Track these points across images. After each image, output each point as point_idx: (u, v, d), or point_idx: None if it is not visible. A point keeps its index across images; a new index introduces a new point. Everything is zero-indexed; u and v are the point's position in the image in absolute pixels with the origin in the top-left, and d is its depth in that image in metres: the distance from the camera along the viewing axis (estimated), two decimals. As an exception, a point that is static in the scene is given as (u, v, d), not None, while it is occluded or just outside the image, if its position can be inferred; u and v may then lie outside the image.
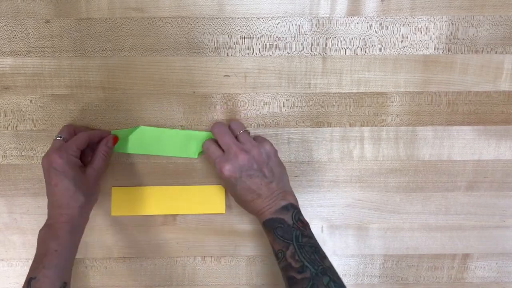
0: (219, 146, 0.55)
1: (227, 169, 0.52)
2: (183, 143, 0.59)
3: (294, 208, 0.52)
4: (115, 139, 0.57)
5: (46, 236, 0.50)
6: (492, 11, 0.56)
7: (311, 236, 0.50)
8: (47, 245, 0.49)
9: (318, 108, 0.59)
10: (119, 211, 0.60)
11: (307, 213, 0.62)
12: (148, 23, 0.55)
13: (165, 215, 0.61)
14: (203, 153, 0.59)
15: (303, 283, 0.47)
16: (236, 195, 0.54)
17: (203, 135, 0.58)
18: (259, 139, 0.55)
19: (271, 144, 0.54)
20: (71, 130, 0.55)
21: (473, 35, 0.56)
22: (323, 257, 0.49)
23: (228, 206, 0.61)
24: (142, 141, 0.58)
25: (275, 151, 0.55)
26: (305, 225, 0.51)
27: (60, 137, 0.53)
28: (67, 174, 0.50)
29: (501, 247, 0.64)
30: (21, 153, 0.59)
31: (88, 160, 0.55)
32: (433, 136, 0.60)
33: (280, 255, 0.50)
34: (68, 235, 0.50)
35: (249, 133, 0.56)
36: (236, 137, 0.54)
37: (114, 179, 0.60)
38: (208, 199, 0.60)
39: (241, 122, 0.57)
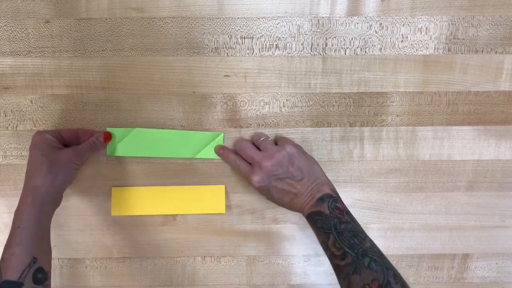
0: (246, 161, 0.57)
1: (256, 180, 0.54)
2: (180, 144, 0.59)
3: (329, 197, 0.52)
4: (107, 135, 0.57)
5: (13, 217, 0.50)
6: (492, 11, 0.56)
7: (348, 221, 0.51)
8: (12, 225, 0.49)
9: (318, 108, 0.59)
10: (119, 211, 0.60)
11: (307, 213, 0.62)
12: (148, 23, 0.55)
13: (165, 215, 0.61)
14: (200, 154, 0.59)
15: (347, 269, 0.47)
16: (275, 200, 0.55)
17: (199, 135, 0.58)
18: (280, 141, 0.56)
19: (293, 143, 0.56)
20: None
21: (473, 35, 0.56)
22: (363, 239, 0.50)
23: (228, 206, 0.61)
24: (138, 143, 0.58)
25: (298, 149, 0.55)
26: (342, 211, 0.52)
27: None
28: (38, 146, 0.52)
29: (501, 247, 0.64)
30: (21, 153, 0.59)
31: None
32: (433, 136, 0.60)
33: (324, 246, 0.51)
34: (29, 208, 0.49)
35: (269, 138, 0.57)
36: (258, 147, 0.56)
37: (114, 179, 0.60)
38: (208, 199, 0.60)
39: (260, 132, 0.58)
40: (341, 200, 0.53)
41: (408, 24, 0.56)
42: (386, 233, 0.63)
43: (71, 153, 0.54)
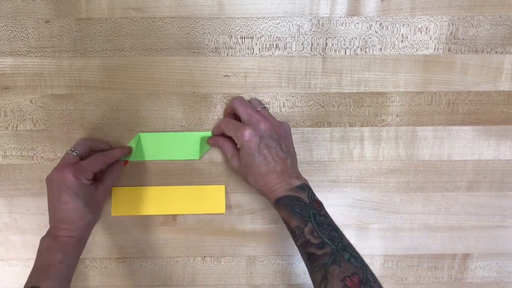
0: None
1: (249, 133, 0.52)
2: (183, 145, 0.59)
3: (309, 189, 0.52)
4: (127, 162, 0.59)
5: (51, 246, 0.51)
6: (492, 11, 0.56)
7: (327, 216, 0.51)
8: (53, 256, 0.50)
9: (318, 108, 0.59)
10: (119, 211, 0.60)
11: (307, 213, 0.62)
12: (148, 23, 0.55)
13: (165, 215, 0.61)
14: (203, 154, 0.59)
15: (324, 259, 0.47)
16: (254, 165, 0.53)
17: (202, 135, 0.58)
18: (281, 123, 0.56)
19: (289, 127, 0.56)
20: (87, 147, 0.55)
21: (473, 35, 0.56)
22: (341, 235, 0.50)
23: (228, 206, 0.61)
24: (142, 148, 0.58)
25: (291, 133, 0.56)
26: (320, 205, 0.52)
27: (75, 152, 0.54)
28: (79, 194, 0.51)
29: (501, 247, 0.64)
30: (21, 153, 0.59)
31: (98, 177, 0.55)
32: (433, 136, 0.60)
33: (297, 232, 0.50)
34: (74, 249, 0.52)
35: (268, 109, 0.57)
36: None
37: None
38: (208, 199, 0.60)
39: (259, 100, 0.58)
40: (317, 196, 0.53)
41: (408, 24, 0.56)
42: (386, 233, 0.63)
43: (104, 194, 0.56)
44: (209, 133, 0.59)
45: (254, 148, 0.52)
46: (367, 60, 0.57)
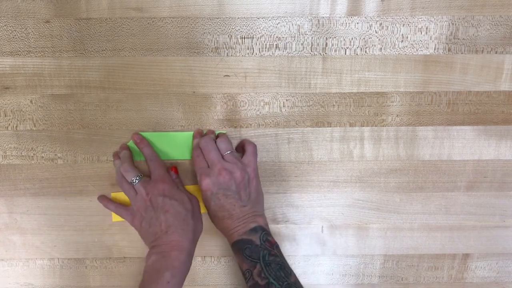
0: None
1: (206, 183, 0.53)
2: (181, 145, 0.59)
3: (262, 230, 0.53)
4: (175, 169, 0.59)
5: (159, 265, 0.51)
6: (492, 11, 0.56)
7: (277, 255, 0.52)
8: (161, 275, 0.50)
9: (318, 108, 0.59)
10: (120, 217, 0.59)
11: (307, 213, 0.62)
12: (148, 23, 0.55)
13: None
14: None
15: None
16: (210, 209, 0.55)
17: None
18: (246, 157, 0.55)
19: (255, 166, 0.55)
20: (131, 167, 0.56)
21: (473, 35, 0.56)
22: (289, 274, 0.51)
23: (228, 206, 0.61)
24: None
25: (257, 174, 0.56)
26: (273, 244, 0.52)
27: (138, 177, 0.55)
28: (186, 206, 0.54)
29: (501, 247, 0.64)
30: (21, 153, 0.59)
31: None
32: (433, 136, 0.60)
33: (247, 275, 0.51)
34: (183, 265, 0.51)
35: (236, 153, 0.56)
36: (222, 156, 0.55)
37: (113, 179, 0.60)
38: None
39: (228, 140, 0.56)
40: (271, 235, 0.53)
41: (408, 24, 0.56)
42: (386, 233, 0.63)
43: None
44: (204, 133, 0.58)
45: (209, 197, 0.54)
46: (367, 60, 0.57)
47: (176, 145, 0.59)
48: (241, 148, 0.58)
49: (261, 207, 0.57)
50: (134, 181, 0.55)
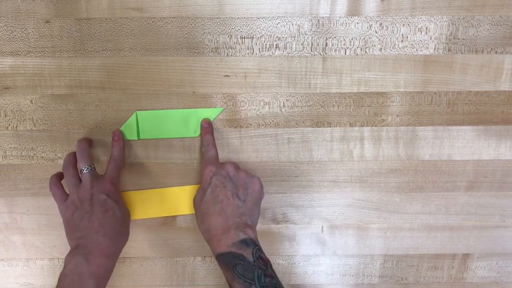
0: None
1: (210, 168, 0.52)
2: (182, 123, 0.58)
3: (254, 244, 0.48)
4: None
5: (82, 269, 0.47)
6: (492, 11, 0.56)
7: (273, 276, 0.47)
8: (84, 282, 0.46)
9: (318, 108, 0.59)
10: (139, 215, 0.59)
11: (307, 213, 0.62)
12: (148, 23, 0.55)
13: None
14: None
15: None
16: (202, 202, 0.52)
17: (201, 112, 0.58)
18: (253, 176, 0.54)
19: (261, 187, 0.54)
20: (86, 155, 0.54)
21: (473, 35, 0.56)
22: None
23: (228, 206, 0.61)
24: (140, 126, 0.58)
25: (261, 193, 0.54)
26: (267, 263, 0.48)
27: (89, 168, 0.53)
28: (119, 202, 0.52)
29: (501, 247, 0.64)
30: (21, 153, 0.59)
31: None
32: (433, 136, 0.60)
33: None
34: (107, 274, 0.49)
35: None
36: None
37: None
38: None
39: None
40: (263, 252, 0.49)
41: (408, 24, 0.56)
42: (386, 233, 0.63)
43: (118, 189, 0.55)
44: (208, 110, 0.58)
45: (207, 184, 0.51)
46: (367, 60, 0.57)
47: (177, 122, 0.58)
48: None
49: (254, 221, 0.53)
50: (84, 169, 0.52)
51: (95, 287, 0.46)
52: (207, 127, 0.57)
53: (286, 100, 0.58)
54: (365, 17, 0.56)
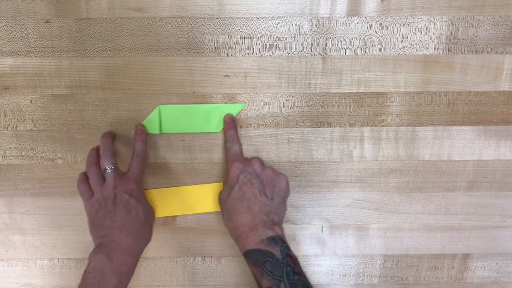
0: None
1: (236, 165, 0.52)
2: (204, 118, 0.58)
3: (282, 242, 0.48)
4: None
5: (105, 267, 0.48)
6: (492, 11, 0.56)
7: (302, 274, 0.47)
8: (107, 280, 0.47)
9: (318, 108, 0.59)
10: (162, 214, 0.59)
11: (307, 213, 0.62)
12: (148, 23, 0.55)
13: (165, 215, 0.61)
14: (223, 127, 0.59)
15: None
16: (229, 199, 0.52)
17: (224, 108, 0.58)
18: (280, 174, 0.55)
19: (287, 184, 0.54)
20: (109, 153, 0.54)
21: (473, 35, 0.56)
22: None
23: (228, 206, 0.61)
24: (163, 120, 0.58)
25: (287, 191, 0.54)
26: (295, 260, 0.48)
27: (112, 167, 0.53)
28: (142, 201, 0.53)
29: (501, 247, 0.64)
30: (21, 153, 0.59)
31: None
32: (433, 136, 0.60)
33: None
34: (130, 272, 0.50)
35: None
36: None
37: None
38: (213, 198, 0.60)
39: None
40: (291, 250, 0.49)
41: (408, 24, 0.56)
42: (386, 233, 0.63)
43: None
44: (231, 105, 0.58)
45: (234, 181, 0.52)
46: (367, 60, 0.57)
47: (199, 117, 0.58)
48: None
49: (281, 217, 0.53)
50: (108, 168, 0.52)
51: (118, 284, 0.47)
52: (231, 122, 0.57)
53: (286, 100, 0.58)
54: (365, 17, 0.56)
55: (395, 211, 0.62)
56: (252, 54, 0.57)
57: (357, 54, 0.57)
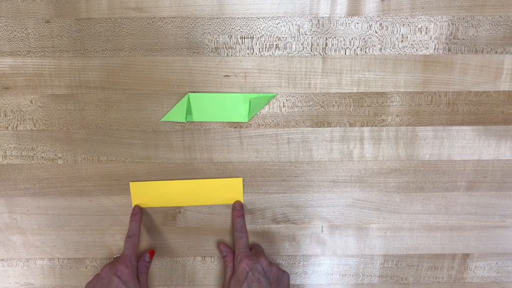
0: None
1: (245, 262, 0.55)
2: (232, 107, 0.58)
3: None
4: (152, 253, 0.60)
5: None
6: (492, 11, 0.56)
7: None
8: None
9: (318, 108, 0.59)
10: (139, 203, 0.60)
11: (307, 213, 0.62)
12: (148, 23, 0.55)
13: (165, 215, 0.61)
14: (253, 117, 0.58)
15: None
16: None
17: (252, 97, 0.58)
18: (284, 272, 0.57)
19: (289, 280, 0.57)
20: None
21: (473, 35, 0.56)
22: None
23: (228, 207, 0.61)
24: (193, 108, 0.57)
25: (288, 285, 0.57)
26: None
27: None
28: (129, 284, 0.54)
29: (501, 247, 0.64)
30: (21, 153, 0.59)
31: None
32: (433, 136, 0.60)
33: None
34: None
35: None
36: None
37: (114, 179, 0.60)
38: (226, 192, 0.60)
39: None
40: None
41: (408, 24, 0.56)
42: (386, 233, 0.63)
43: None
44: (261, 95, 0.58)
45: (243, 278, 0.54)
46: (367, 60, 0.57)
47: (227, 106, 0.58)
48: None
49: None
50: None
51: None
52: (240, 209, 0.60)
53: (286, 100, 0.58)
54: (365, 17, 0.56)
55: (395, 211, 0.62)
56: (252, 54, 0.57)
57: (357, 54, 0.57)
